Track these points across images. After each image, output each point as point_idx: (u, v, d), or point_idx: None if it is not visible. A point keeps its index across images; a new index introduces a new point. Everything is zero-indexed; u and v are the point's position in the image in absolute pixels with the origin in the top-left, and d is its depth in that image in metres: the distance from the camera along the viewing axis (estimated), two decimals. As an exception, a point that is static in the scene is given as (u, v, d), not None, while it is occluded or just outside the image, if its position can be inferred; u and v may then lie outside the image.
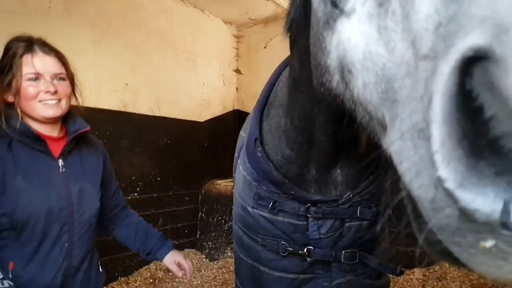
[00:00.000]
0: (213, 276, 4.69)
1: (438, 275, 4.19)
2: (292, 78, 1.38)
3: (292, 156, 1.48)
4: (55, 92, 1.45)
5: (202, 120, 5.75)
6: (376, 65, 0.55)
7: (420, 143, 0.40)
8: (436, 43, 0.39)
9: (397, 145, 0.45)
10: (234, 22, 6.43)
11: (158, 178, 4.85)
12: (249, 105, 6.06)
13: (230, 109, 6.41)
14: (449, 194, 0.36)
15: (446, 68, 0.36)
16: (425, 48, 0.41)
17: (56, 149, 1.53)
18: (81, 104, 1.66)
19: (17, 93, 1.41)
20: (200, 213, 5.41)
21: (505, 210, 0.32)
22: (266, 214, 1.52)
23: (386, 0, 0.52)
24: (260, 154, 1.57)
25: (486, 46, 0.33)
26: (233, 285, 4.54)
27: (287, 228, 1.49)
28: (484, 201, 0.34)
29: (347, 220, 1.45)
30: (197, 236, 5.39)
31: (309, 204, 1.44)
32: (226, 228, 5.11)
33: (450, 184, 0.35)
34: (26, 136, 1.42)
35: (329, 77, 0.75)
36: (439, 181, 0.36)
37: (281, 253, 1.49)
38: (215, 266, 4.93)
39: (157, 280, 4.46)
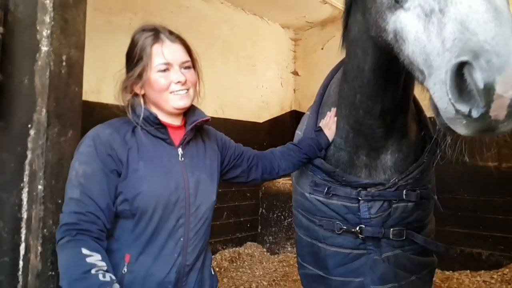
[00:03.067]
0: (274, 269, 4.90)
1: (507, 278, 3.94)
2: (343, 71, 1.63)
3: (341, 144, 1.70)
4: (185, 82, 1.40)
5: (261, 121, 6.06)
6: (421, 45, 1.00)
7: (442, 87, 0.91)
8: (453, 46, 0.88)
9: (431, 86, 0.97)
10: (292, 26, 6.65)
11: (223, 175, 5.23)
12: (306, 106, 6.15)
13: (288, 109, 6.65)
14: (452, 104, 0.88)
15: (454, 61, 0.86)
16: (448, 45, 0.89)
17: (176, 138, 1.46)
18: (199, 96, 1.55)
19: (147, 84, 1.39)
20: (260, 208, 5.69)
21: (469, 112, 0.84)
22: (321, 198, 1.74)
23: (429, 14, 0.98)
24: None
25: (469, 61, 0.82)
26: (293, 278, 4.73)
27: (340, 209, 1.68)
28: (463, 107, 0.85)
29: (394, 201, 1.61)
30: (258, 230, 5.68)
31: (360, 188, 1.63)
32: (286, 224, 5.32)
33: (452, 100, 0.87)
34: (148, 122, 1.39)
35: (385, 34, 1.17)
36: (449, 99, 0.88)
37: (336, 231, 1.69)
38: (276, 259, 5.14)
39: (222, 269, 4.77)
